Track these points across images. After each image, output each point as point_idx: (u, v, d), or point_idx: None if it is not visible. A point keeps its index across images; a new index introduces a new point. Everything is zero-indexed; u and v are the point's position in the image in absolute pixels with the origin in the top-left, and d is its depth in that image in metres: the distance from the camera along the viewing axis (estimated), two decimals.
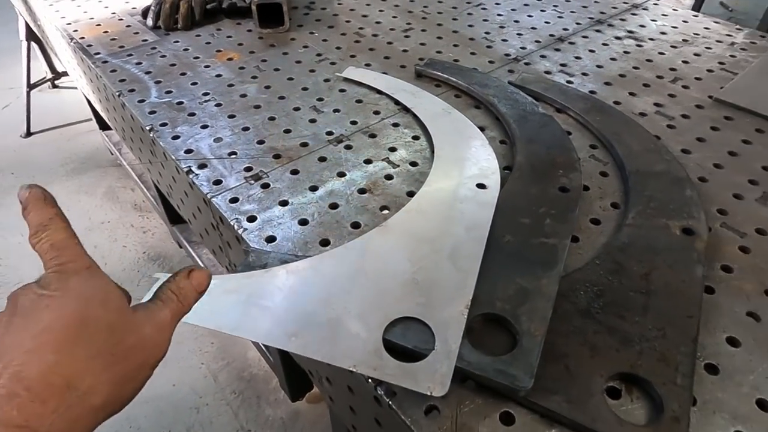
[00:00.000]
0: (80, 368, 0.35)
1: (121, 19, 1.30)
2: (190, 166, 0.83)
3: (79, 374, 0.35)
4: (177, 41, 1.20)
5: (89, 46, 1.18)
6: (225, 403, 1.61)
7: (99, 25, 1.27)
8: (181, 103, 0.99)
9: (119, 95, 1.01)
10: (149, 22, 1.25)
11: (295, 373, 1.44)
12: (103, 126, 2.32)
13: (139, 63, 1.11)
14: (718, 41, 1.19)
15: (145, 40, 1.20)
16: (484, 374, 0.52)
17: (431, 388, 0.50)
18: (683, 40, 1.20)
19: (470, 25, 1.26)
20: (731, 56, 1.13)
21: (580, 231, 0.72)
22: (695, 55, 1.14)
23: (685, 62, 1.11)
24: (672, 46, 1.17)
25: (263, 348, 1.44)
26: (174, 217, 1.89)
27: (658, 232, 0.70)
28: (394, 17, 1.31)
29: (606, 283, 0.63)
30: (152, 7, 1.25)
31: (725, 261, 0.68)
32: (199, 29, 1.25)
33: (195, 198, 0.85)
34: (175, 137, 0.90)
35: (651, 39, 1.20)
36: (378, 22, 1.28)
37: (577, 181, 0.77)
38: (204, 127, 0.92)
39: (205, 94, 1.01)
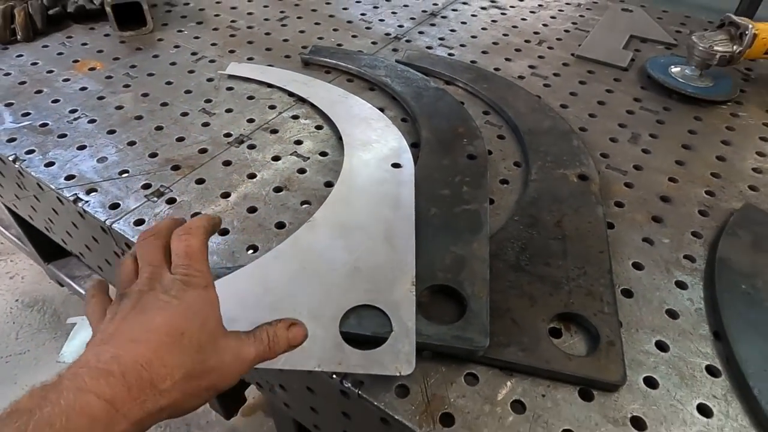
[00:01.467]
0: (165, 372, 0.39)
1: None
2: (76, 194, 0.74)
3: (162, 377, 0.39)
4: (20, 55, 1.05)
5: None
6: None
7: None
8: (45, 124, 0.87)
9: None
10: None
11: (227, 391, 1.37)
12: None
13: None
14: (567, 3, 1.31)
15: None
16: (443, 343, 0.55)
17: (399, 368, 0.51)
18: (539, 5, 1.31)
19: (345, 8, 1.26)
20: (580, 16, 1.26)
21: (493, 193, 0.77)
22: (551, 18, 1.25)
23: (545, 25, 1.21)
24: (531, 12, 1.27)
25: None
26: (48, 254, 1.68)
27: (558, 182, 0.77)
28: (265, 6, 1.26)
29: (527, 237, 0.68)
30: None
31: (616, 198, 0.77)
32: (44, 39, 1.10)
33: (88, 228, 0.76)
34: (49, 164, 0.79)
35: (512, 6, 1.29)
36: (250, 13, 1.23)
37: (481, 147, 0.82)
38: (81, 147, 0.82)
39: (73, 111, 0.90)
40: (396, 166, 0.77)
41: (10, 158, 0.80)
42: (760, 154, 0.86)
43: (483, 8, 1.28)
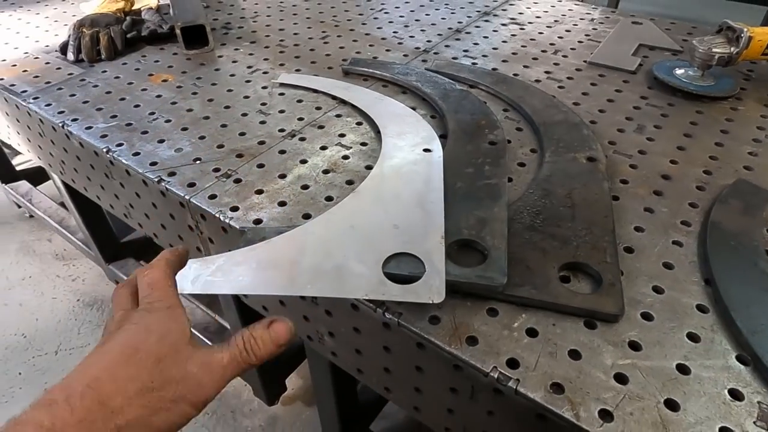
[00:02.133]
0: (115, 388, 0.38)
1: (37, 58, 1.30)
2: (159, 176, 0.89)
3: (112, 393, 0.38)
4: (105, 71, 1.23)
5: (12, 85, 1.17)
6: (200, 425, 1.61)
7: (15, 65, 1.26)
8: (130, 124, 1.03)
9: (62, 126, 1.03)
10: (70, 56, 1.26)
11: (269, 377, 1.49)
12: (6, 179, 2.20)
13: (73, 95, 1.13)
14: (581, 19, 1.44)
15: (72, 74, 1.22)
16: (468, 281, 0.66)
17: (431, 297, 0.62)
18: (555, 21, 1.44)
19: (379, 27, 1.42)
20: (593, 29, 1.38)
21: (512, 173, 0.88)
22: (566, 31, 1.37)
23: (560, 38, 1.34)
24: (547, 27, 1.40)
25: None
26: (110, 256, 1.85)
27: (569, 163, 0.88)
28: (308, 28, 1.43)
29: (541, 205, 0.79)
30: (71, 42, 1.27)
31: (622, 176, 0.87)
32: (123, 58, 1.28)
33: (167, 205, 0.91)
34: (136, 154, 0.95)
35: (530, 23, 1.43)
36: (296, 33, 1.40)
37: (501, 135, 0.94)
38: (161, 141, 0.98)
39: (152, 113, 1.07)
40: (427, 150, 0.89)
41: (104, 150, 0.96)
42: (756, 140, 0.95)
43: (504, 24, 1.42)
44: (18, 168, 2.23)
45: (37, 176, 2.21)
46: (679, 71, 1.12)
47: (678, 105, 1.06)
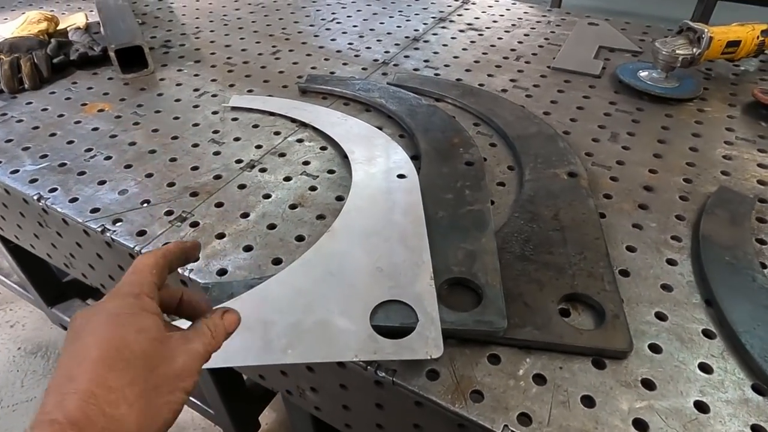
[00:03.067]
0: (115, 397, 0.36)
1: None
2: (103, 225, 0.78)
3: (114, 402, 0.36)
4: (30, 102, 1.10)
5: None
6: None
7: None
8: (64, 164, 0.91)
9: None
10: None
11: (240, 415, 1.39)
12: None
13: None
14: (537, 22, 1.42)
15: None
16: (466, 328, 0.60)
17: (429, 352, 0.56)
18: (512, 24, 1.40)
19: (333, 39, 1.34)
20: (551, 32, 1.36)
21: (492, 195, 0.83)
22: (525, 35, 1.35)
23: (520, 42, 1.31)
24: (505, 31, 1.37)
25: (198, 404, 1.37)
26: (52, 299, 1.69)
27: (551, 180, 0.84)
28: (257, 42, 1.33)
29: (529, 230, 0.75)
30: None
31: (604, 191, 0.84)
32: (50, 86, 1.15)
33: (115, 256, 0.80)
34: (73, 200, 0.83)
35: (487, 28, 1.39)
36: (244, 50, 1.30)
37: (477, 154, 0.88)
38: (101, 182, 0.87)
39: (88, 149, 0.95)
40: (401, 176, 0.83)
41: (35, 197, 0.84)
42: (727, 143, 0.94)
43: (461, 31, 1.37)
44: None
45: None
46: (643, 73, 1.11)
47: (647, 109, 1.04)
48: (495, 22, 1.42)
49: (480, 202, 0.78)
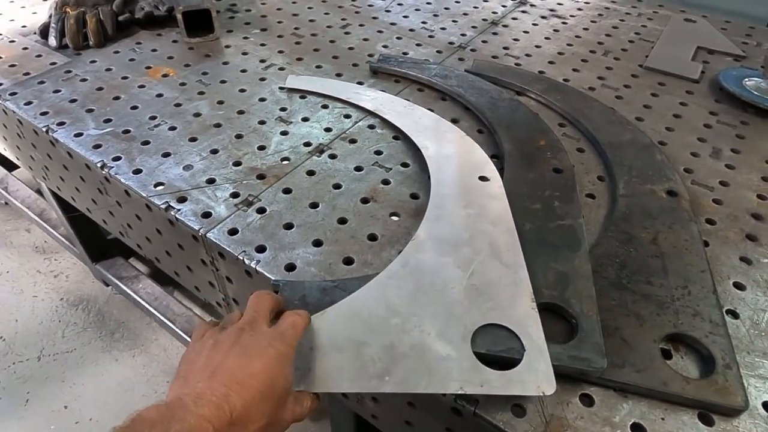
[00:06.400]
0: (255, 418, 0.46)
1: (12, 41, 1.12)
2: (167, 202, 0.75)
3: (253, 420, 0.45)
4: (94, 61, 1.06)
5: None
6: None
7: None
8: (127, 131, 0.88)
9: (47, 131, 0.88)
10: (52, 42, 1.09)
11: None
12: None
13: (58, 91, 0.97)
14: (627, 13, 1.30)
15: (54, 64, 1.05)
16: (559, 363, 0.54)
17: (540, 388, 0.50)
18: (598, 14, 1.30)
19: (405, 16, 1.26)
20: (642, 26, 1.24)
21: (581, 207, 0.76)
22: (613, 27, 1.24)
23: (608, 35, 1.20)
24: (592, 21, 1.26)
25: None
26: (96, 255, 1.70)
27: (648, 197, 0.76)
28: (326, 14, 1.27)
29: (624, 254, 0.68)
30: (52, 25, 1.09)
31: (707, 215, 0.76)
32: (114, 45, 1.11)
33: (176, 235, 0.77)
34: (137, 171, 0.80)
35: (572, 16, 1.28)
36: (312, 20, 1.23)
37: (566, 161, 0.81)
38: (166, 155, 0.83)
39: (152, 117, 0.91)
40: (483, 179, 0.76)
41: (98, 164, 0.81)
42: None
43: (543, 17, 1.27)
44: None
45: (11, 162, 2.02)
46: (749, 82, 1.00)
47: (753, 124, 0.94)
48: (580, 10, 1.31)
49: (571, 217, 0.71)
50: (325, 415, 1.57)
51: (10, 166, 2.03)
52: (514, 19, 1.26)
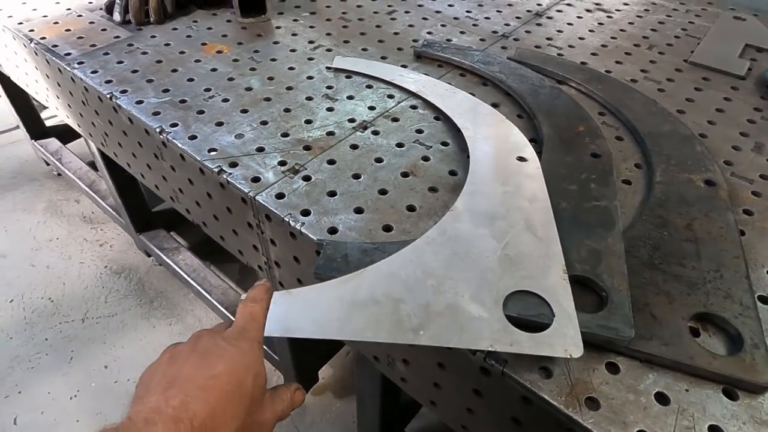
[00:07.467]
0: (224, 422, 0.42)
1: (80, 16, 1.19)
2: (220, 166, 0.80)
3: (222, 425, 0.42)
4: (154, 36, 1.12)
5: (54, 46, 1.08)
6: None
7: (57, 23, 1.16)
8: (184, 101, 0.94)
9: (110, 97, 0.94)
10: (116, 17, 1.16)
11: (303, 365, 1.43)
12: (36, 135, 2.13)
13: (121, 62, 1.03)
14: (674, 9, 1.29)
15: (118, 37, 1.12)
16: (589, 331, 0.56)
17: (568, 351, 0.53)
18: (645, 9, 1.29)
19: (450, 5, 1.29)
20: (690, 23, 1.23)
21: (617, 192, 0.77)
22: (659, 23, 1.23)
23: (653, 30, 1.20)
24: (638, 16, 1.26)
25: (265, 348, 1.41)
26: (141, 226, 1.79)
27: (685, 186, 0.77)
28: (373, 0, 1.30)
29: (658, 237, 0.69)
30: (117, 1, 1.16)
31: (745, 206, 0.76)
32: (172, 22, 1.18)
33: (225, 198, 0.82)
34: (192, 137, 0.85)
35: (617, 10, 1.28)
36: (359, 6, 1.27)
37: (604, 147, 0.82)
38: (219, 124, 0.88)
39: (207, 90, 0.97)
40: (521, 159, 0.79)
41: (157, 129, 0.87)
42: None
43: (588, 11, 1.28)
44: (48, 124, 2.16)
45: (67, 134, 2.13)
46: None
47: None
48: (626, 4, 1.31)
49: (607, 199, 0.73)
50: (350, 391, 1.61)
51: (64, 139, 2.14)
52: (558, 11, 1.27)
